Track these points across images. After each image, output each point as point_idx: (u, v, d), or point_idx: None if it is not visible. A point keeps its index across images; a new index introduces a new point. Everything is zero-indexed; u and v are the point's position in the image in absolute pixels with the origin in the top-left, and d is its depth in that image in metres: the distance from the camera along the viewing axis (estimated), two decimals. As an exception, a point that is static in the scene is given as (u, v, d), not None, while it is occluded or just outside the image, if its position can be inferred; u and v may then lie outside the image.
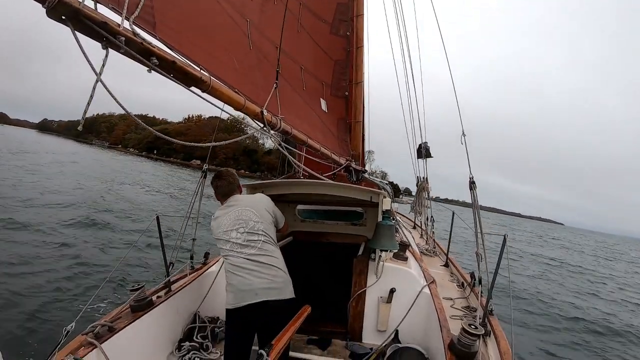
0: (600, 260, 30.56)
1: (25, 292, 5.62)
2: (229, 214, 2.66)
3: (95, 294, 2.71)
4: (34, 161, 28.22)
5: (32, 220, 9.63)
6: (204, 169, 3.71)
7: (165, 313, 2.78)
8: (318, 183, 3.55)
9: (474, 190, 3.53)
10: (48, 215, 10.66)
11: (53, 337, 4.39)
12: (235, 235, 2.57)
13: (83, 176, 23.29)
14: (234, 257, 2.53)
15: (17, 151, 35.49)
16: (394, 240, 3.33)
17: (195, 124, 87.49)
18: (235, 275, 2.49)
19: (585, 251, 38.21)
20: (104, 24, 1.26)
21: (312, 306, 3.81)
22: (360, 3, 5.02)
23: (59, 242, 8.29)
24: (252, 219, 2.65)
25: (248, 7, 2.74)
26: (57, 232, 9.12)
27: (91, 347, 2.07)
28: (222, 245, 2.59)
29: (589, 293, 13.76)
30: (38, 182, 16.95)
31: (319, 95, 4.29)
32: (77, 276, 6.54)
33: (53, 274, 6.43)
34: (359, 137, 5.19)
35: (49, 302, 5.42)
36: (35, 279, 6.10)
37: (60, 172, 24.27)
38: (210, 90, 1.94)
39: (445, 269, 4.56)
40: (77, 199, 14.17)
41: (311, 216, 4.60)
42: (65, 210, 11.59)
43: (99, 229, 10.20)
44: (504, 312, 5.11)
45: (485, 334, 2.53)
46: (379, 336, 3.22)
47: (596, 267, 24.03)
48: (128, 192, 18.74)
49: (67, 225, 9.86)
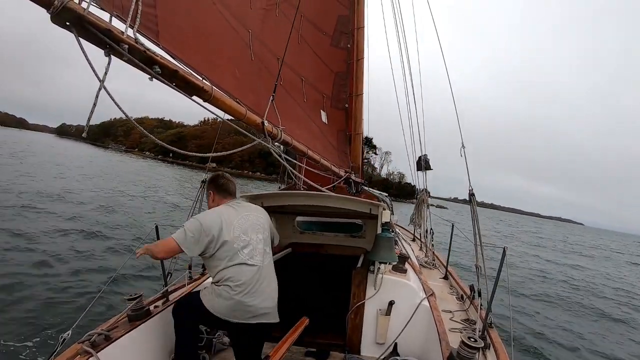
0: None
1: (21, 299, 5.57)
2: (242, 215, 2.49)
3: (92, 303, 2.69)
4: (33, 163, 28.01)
5: (23, 228, 9.56)
6: (204, 178, 3.71)
7: (162, 323, 2.76)
8: (318, 195, 3.55)
9: (473, 201, 3.54)
10: (41, 222, 10.60)
11: (49, 345, 4.35)
12: (256, 239, 2.45)
13: (85, 179, 23.15)
14: (251, 266, 2.37)
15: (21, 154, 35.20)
16: (393, 253, 3.32)
17: (211, 127, 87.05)
18: (252, 285, 2.34)
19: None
20: (107, 31, 1.28)
21: (311, 318, 3.77)
22: (360, 16, 5.08)
23: (53, 251, 8.23)
24: (266, 229, 2.60)
25: (250, 18, 2.77)
26: (49, 241, 9.05)
27: (87, 355, 2.05)
28: (237, 246, 2.35)
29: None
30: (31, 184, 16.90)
31: (319, 107, 4.32)
32: (73, 284, 6.49)
33: (48, 282, 6.39)
34: (359, 149, 5.21)
35: (45, 310, 5.37)
36: (31, 286, 6.06)
37: (60, 174, 24.14)
38: (212, 100, 1.96)
39: (444, 281, 4.53)
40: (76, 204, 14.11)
41: (310, 228, 4.59)
42: (57, 219, 11.52)
43: (94, 237, 10.14)
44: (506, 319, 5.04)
45: (484, 347, 2.50)
46: (378, 349, 3.19)
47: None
48: (130, 199, 18.60)
49: (61, 234, 9.77)
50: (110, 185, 22.50)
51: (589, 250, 38.10)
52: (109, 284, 3.84)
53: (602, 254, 35.45)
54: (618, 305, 12.52)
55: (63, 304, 5.64)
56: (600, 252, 37.70)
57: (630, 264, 29.62)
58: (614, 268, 24.57)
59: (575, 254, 29.88)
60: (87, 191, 18.25)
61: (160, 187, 27.00)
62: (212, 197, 2.63)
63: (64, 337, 2.03)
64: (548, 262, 21.04)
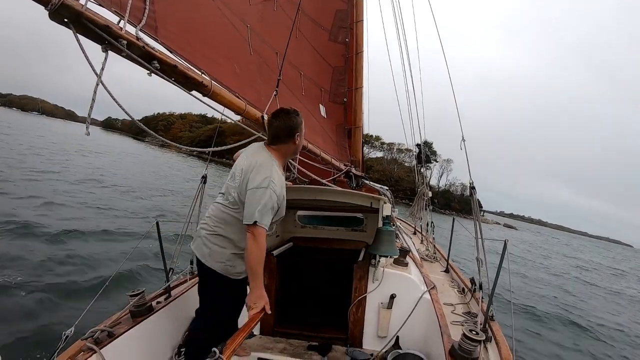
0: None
1: (23, 295, 5.58)
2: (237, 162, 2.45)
3: (95, 299, 2.69)
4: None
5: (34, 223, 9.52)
6: (204, 173, 3.69)
7: (165, 319, 2.77)
8: (319, 189, 3.55)
9: (474, 195, 3.55)
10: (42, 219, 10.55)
11: (52, 342, 4.36)
12: (230, 184, 2.40)
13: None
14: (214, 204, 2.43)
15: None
16: (394, 246, 3.32)
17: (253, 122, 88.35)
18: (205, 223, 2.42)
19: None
20: (106, 27, 1.27)
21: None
22: (359, 9, 5.05)
23: (57, 247, 8.22)
24: (237, 176, 2.44)
25: (248, 13, 2.76)
26: (56, 238, 9.04)
27: (90, 352, 2.06)
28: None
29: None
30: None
31: (318, 101, 4.32)
32: (76, 280, 6.49)
33: (51, 278, 6.39)
34: (359, 143, 5.21)
35: (48, 306, 5.38)
36: (34, 281, 6.06)
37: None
38: (212, 95, 1.96)
39: (445, 274, 4.54)
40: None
41: (311, 222, 4.60)
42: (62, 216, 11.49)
43: (98, 235, 10.12)
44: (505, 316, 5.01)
45: (486, 339, 2.51)
46: (380, 342, 3.21)
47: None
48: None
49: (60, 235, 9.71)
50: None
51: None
52: (111, 279, 3.85)
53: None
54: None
55: (65, 301, 5.65)
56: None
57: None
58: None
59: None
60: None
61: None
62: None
63: (67, 334, 2.04)
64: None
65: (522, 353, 6.79)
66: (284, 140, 2.29)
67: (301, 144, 2.44)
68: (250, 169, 2.19)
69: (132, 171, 27.30)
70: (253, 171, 2.17)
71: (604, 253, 65.78)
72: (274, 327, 3.47)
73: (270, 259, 3.42)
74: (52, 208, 11.09)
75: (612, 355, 7.98)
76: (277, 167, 2.24)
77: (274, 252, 3.50)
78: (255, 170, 2.17)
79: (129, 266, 7.24)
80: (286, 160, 2.48)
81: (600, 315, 11.48)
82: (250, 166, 2.20)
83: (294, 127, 2.27)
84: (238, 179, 2.22)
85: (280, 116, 2.26)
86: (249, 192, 2.12)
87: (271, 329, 3.45)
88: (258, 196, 2.08)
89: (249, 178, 2.16)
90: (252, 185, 2.12)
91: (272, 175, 2.14)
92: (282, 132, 2.26)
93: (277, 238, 4.16)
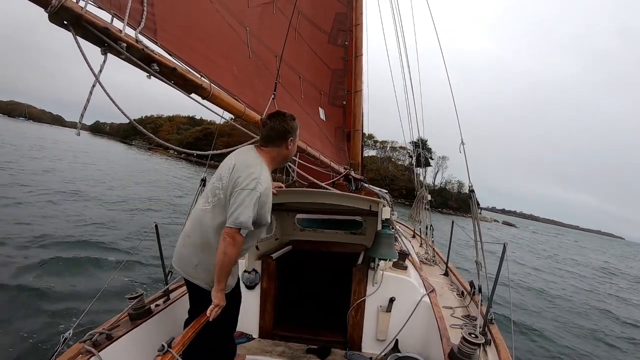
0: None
1: (22, 298, 5.56)
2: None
3: (93, 302, 2.68)
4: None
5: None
6: (203, 176, 3.69)
7: (163, 321, 2.76)
8: (318, 192, 3.54)
9: (473, 198, 3.55)
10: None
11: (50, 345, 4.34)
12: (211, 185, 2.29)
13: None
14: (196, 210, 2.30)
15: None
16: (394, 249, 3.31)
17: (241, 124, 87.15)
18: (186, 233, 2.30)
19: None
20: (105, 29, 1.27)
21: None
22: (359, 12, 5.07)
23: (53, 251, 8.19)
24: (224, 177, 2.30)
25: (247, 16, 2.76)
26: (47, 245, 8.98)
27: (89, 355, 2.05)
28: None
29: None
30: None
31: (317, 104, 4.32)
32: (75, 283, 6.48)
33: (49, 280, 6.37)
34: (359, 146, 5.21)
35: (46, 310, 5.36)
36: (32, 284, 6.04)
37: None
38: (211, 97, 1.96)
39: (445, 277, 4.54)
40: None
41: (310, 225, 4.59)
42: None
43: (96, 240, 10.08)
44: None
45: (485, 342, 2.51)
46: (379, 345, 3.20)
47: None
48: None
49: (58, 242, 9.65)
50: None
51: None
52: (109, 282, 3.84)
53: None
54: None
55: (63, 304, 5.63)
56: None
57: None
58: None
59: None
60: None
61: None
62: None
63: (65, 336, 2.03)
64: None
65: (521, 356, 6.77)
66: (275, 143, 2.23)
67: (293, 151, 2.38)
68: (238, 169, 2.11)
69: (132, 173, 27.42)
70: (241, 171, 2.10)
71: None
72: (273, 330, 3.46)
73: (269, 262, 3.42)
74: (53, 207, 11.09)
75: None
76: (266, 170, 2.18)
77: (273, 255, 3.49)
78: (242, 170, 2.10)
79: (127, 270, 7.24)
80: (275, 165, 2.37)
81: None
82: (238, 166, 2.13)
83: (288, 130, 2.21)
84: (225, 179, 2.13)
85: (275, 118, 2.21)
86: (236, 192, 2.04)
87: (270, 332, 3.44)
88: (242, 198, 2.01)
89: (236, 178, 2.08)
90: (239, 186, 2.04)
91: (260, 176, 2.07)
92: (275, 133, 2.20)
93: (276, 241, 4.15)
